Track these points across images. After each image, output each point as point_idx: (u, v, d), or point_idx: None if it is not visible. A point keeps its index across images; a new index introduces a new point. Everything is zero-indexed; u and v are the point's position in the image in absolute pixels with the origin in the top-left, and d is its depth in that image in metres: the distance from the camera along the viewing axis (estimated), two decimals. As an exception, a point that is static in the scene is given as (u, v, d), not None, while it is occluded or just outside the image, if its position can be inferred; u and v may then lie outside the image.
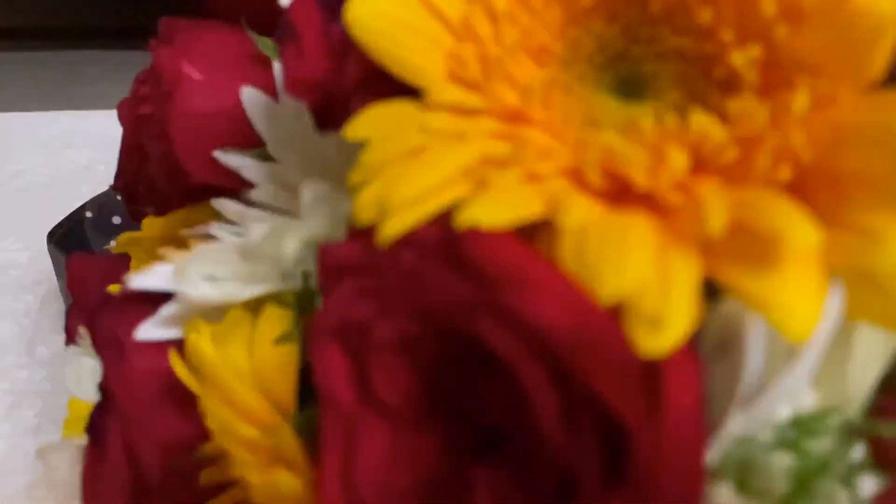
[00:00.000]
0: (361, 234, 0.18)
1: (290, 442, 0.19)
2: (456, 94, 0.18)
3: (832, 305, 0.14)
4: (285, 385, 0.22)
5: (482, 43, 0.19)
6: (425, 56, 0.19)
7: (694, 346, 0.13)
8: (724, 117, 0.16)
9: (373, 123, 0.19)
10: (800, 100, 0.14)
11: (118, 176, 0.32)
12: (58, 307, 0.42)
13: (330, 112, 0.22)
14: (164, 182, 0.27)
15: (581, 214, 0.15)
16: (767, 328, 0.14)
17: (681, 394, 0.13)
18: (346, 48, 0.20)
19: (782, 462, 0.15)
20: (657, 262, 0.14)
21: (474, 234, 0.14)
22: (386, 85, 0.19)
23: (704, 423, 0.13)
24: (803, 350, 0.14)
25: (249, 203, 0.26)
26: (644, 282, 0.13)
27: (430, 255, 0.15)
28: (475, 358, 0.15)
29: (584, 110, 0.18)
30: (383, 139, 0.18)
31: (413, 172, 0.17)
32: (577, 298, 0.13)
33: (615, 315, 0.13)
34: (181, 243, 0.26)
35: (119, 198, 0.37)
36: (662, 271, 0.14)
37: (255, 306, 0.23)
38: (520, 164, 0.17)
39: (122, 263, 0.31)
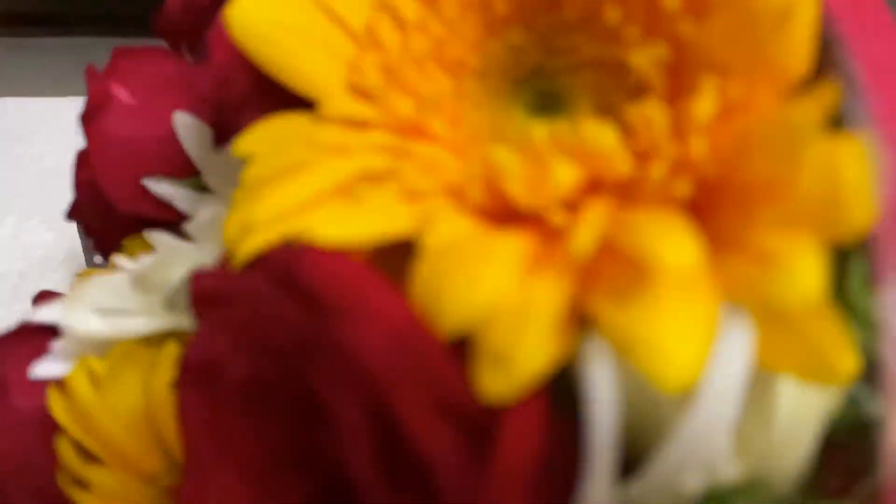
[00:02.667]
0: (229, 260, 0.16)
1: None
2: (350, 106, 0.17)
3: (735, 348, 0.11)
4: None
5: (386, 53, 0.17)
6: (320, 65, 0.17)
7: (545, 392, 0.11)
8: (628, 129, 0.14)
9: (261, 138, 0.17)
10: (703, 105, 0.12)
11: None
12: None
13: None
14: (91, 214, 0.26)
15: (448, 233, 0.13)
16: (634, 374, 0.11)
17: (514, 450, 0.10)
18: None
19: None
20: (518, 289, 0.12)
21: (309, 253, 0.12)
22: (280, 97, 0.18)
23: (541, 489, 0.11)
24: (698, 405, 0.12)
25: (185, 236, 0.24)
26: (495, 311, 0.11)
27: (274, 279, 0.13)
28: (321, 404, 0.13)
29: (493, 127, 0.17)
30: (267, 154, 0.17)
31: (279, 189, 0.15)
32: (407, 325, 0.11)
33: (459, 349, 0.11)
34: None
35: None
36: (522, 301, 0.12)
37: (155, 342, 0.21)
38: (398, 179, 0.15)
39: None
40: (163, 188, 0.25)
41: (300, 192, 0.15)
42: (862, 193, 0.11)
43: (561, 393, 0.12)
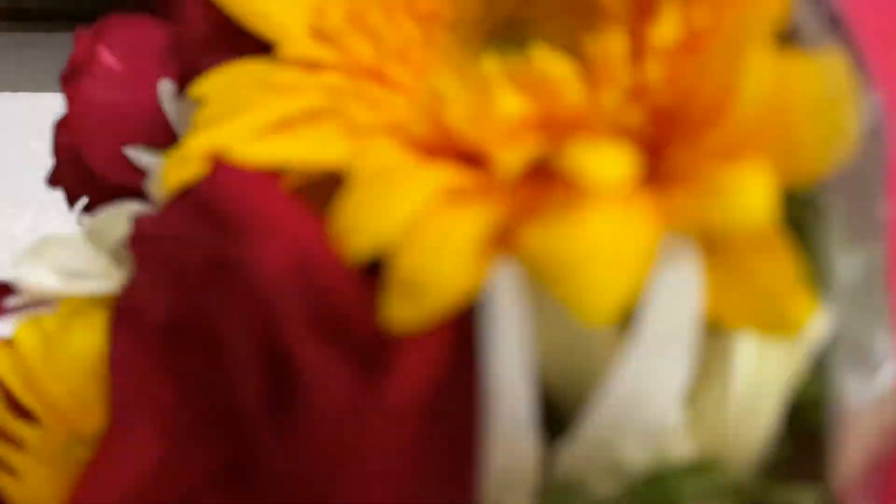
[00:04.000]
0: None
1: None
2: (309, 48, 0.16)
3: (680, 283, 0.10)
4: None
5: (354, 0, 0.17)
6: (284, 8, 0.17)
7: (455, 326, 0.10)
8: (587, 64, 0.13)
9: (217, 82, 0.17)
10: (662, 29, 0.11)
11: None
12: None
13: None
14: (71, 180, 0.26)
15: (377, 162, 0.12)
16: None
17: (407, 384, 0.09)
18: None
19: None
20: (439, 217, 0.11)
21: (222, 170, 0.12)
22: (242, 42, 0.17)
23: (436, 433, 0.10)
24: (635, 348, 0.10)
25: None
26: (410, 237, 0.10)
27: (191, 205, 0.13)
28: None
29: (459, 75, 0.16)
30: (220, 96, 0.16)
31: (218, 125, 0.15)
32: (311, 247, 0.10)
33: (368, 273, 0.10)
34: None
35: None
36: (441, 228, 0.11)
37: (109, 303, 0.21)
38: (342, 115, 0.14)
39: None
40: (143, 158, 0.25)
41: (237, 127, 0.14)
42: (816, 119, 0.10)
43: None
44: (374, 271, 0.11)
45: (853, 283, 0.12)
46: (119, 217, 0.19)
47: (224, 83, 0.16)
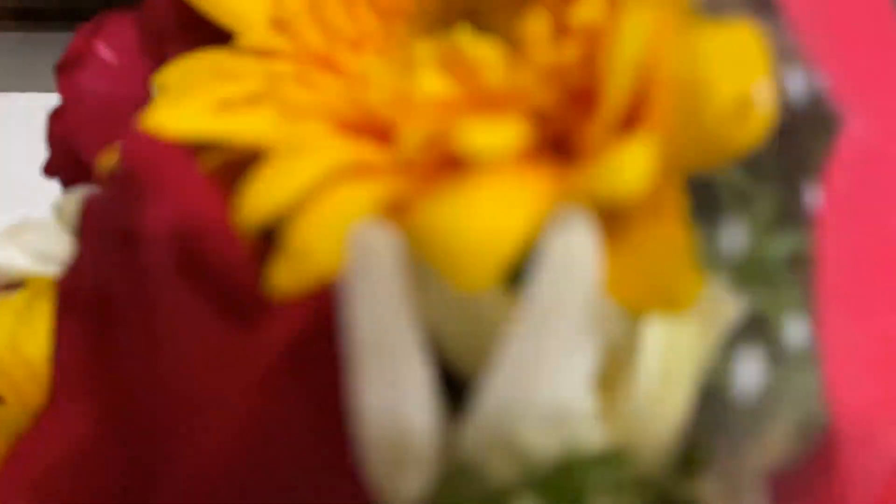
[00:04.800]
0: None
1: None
2: (264, 37, 0.16)
3: (569, 254, 0.10)
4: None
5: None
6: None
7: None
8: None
9: (178, 70, 0.17)
10: (580, 10, 0.11)
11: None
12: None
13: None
14: (65, 171, 0.27)
15: (295, 139, 0.12)
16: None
17: (274, 338, 0.09)
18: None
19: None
20: (336, 188, 0.11)
21: (131, 138, 0.12)
22: (205, 32, 0.18)
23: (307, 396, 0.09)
24: (525, 318, 0.10)
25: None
26: (302, 205, 0.10)
27: (112, 177, 0.13)
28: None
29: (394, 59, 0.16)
30: (178, 84, 0.17)
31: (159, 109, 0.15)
32: (201, 209, 0.10)
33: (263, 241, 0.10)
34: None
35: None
36: (336, 199, 0.11)
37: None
38: (278, 97, 0.14)
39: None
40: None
41: (179, 107, 0.15)
42: (717, 93, 0.09)
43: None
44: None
45: (773, 267, 0.11)
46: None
47: (183, 72, 0.17)
